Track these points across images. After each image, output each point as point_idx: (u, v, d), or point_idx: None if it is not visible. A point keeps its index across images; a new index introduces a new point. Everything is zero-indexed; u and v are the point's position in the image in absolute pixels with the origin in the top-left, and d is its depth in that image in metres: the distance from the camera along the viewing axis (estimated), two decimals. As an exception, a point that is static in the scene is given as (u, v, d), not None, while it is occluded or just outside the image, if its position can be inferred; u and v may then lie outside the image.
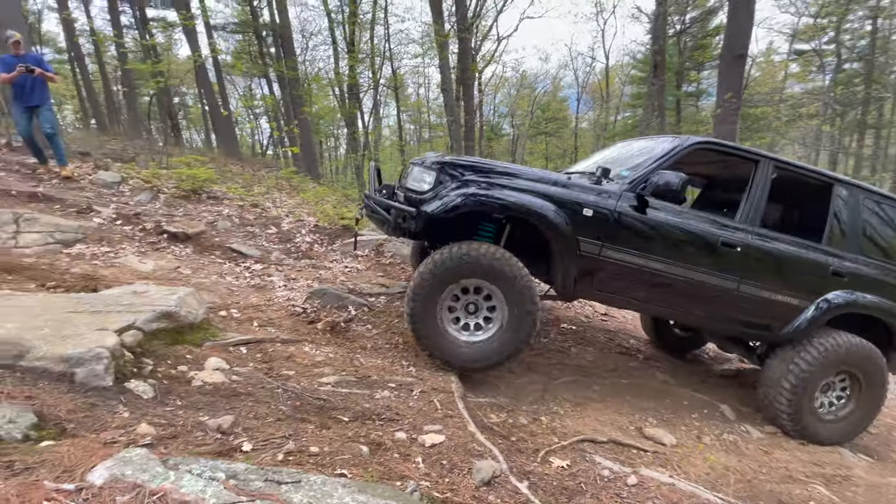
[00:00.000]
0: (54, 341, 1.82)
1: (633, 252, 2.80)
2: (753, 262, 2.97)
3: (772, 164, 3.09)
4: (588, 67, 26.31)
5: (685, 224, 2.90)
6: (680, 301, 3.00)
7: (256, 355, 2.61)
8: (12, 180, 5.10)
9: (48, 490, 1.04)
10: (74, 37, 18.07)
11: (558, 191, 2.76)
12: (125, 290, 2.66)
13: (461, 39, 10.01)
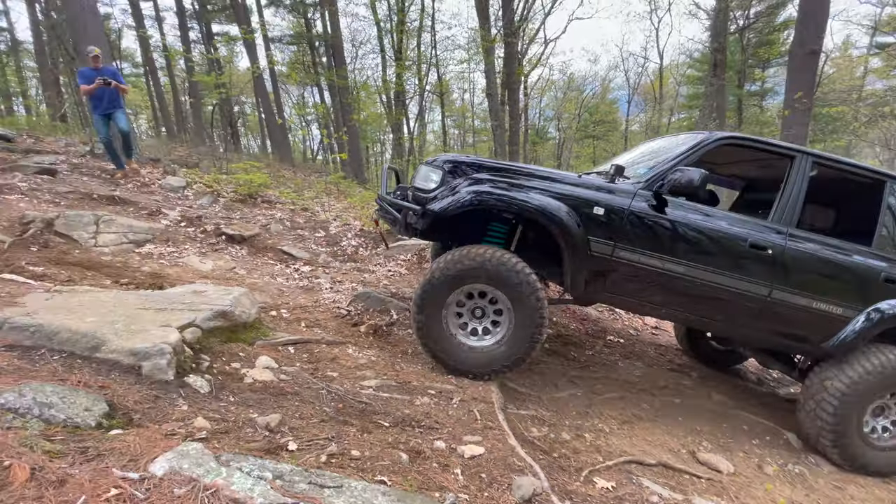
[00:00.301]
0: (125, 336, 1.97)
1: (648, 253, 2.65)
2: (787, 265, 2.69)
3: (810, 160, 2.82)
4: (640, 68, 25.37)
5: (707, 223, 2.70)
6: (702, 307, 2.78)
7: (303, 355, 2.71)
8: (94, 184, 5.63)
9: (116, 478, 1.12)
10: (149, 52, 19.76)
11: (567, 189, 2.66)
12: (187, 289, 2.84)
13: (507, 43, 9.95)
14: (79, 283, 3.04)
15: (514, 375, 3.05)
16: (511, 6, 10.13)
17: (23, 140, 8.23)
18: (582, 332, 4.25)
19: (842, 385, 2.71)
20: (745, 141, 2.87)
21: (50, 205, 4.52)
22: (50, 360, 1.82)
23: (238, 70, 23.74)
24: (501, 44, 10.22)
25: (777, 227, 2.76)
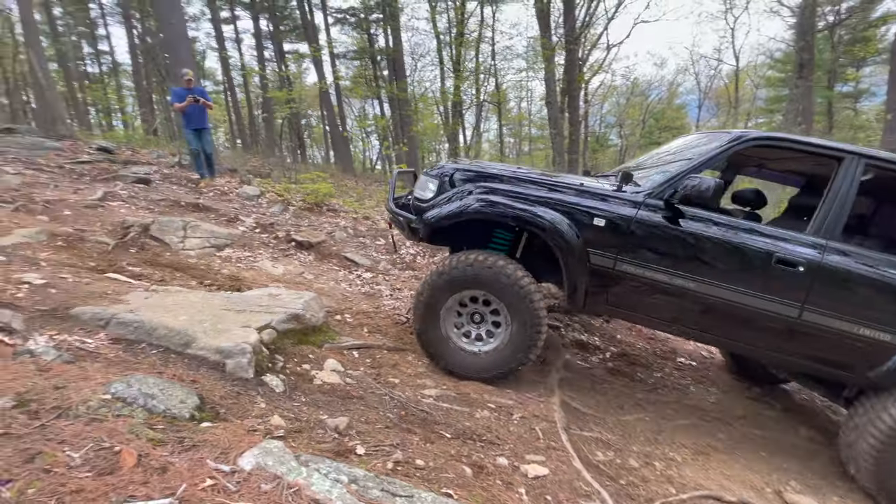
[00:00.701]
0: (212, 334, 2.14)
1: (654, 267, 2.46)
2: (824, 284, 2.37)
3: (862, 162, 2.44)
4: (713, 71, 23.86)
5: (724, 236, 2.44)
6: (718, 326, 2.54)
7: (366, 360, 2.78)
8: (181, 193, 6.20)
9: (210, 469, 1.21)
10: (228, 71, 21.58)
11: (565, 197, 2.56)
12: (263, 292, 3.03)
13: (568, 51, 9.79)
14: (170, 282, 3.35)
15: (577, 394, 2.94)
16: (573, 13, 9.97)
17: (122, 152, 9.24)
18: (649, 352, 4.02)
19: (884, 426, 2.33)
20: (777, 141, 2.57)
21: (145, 211, 5.03)
22: (149, 353, 2.02)
23: (306, 85, 25.27)
24: (562, 51, 10.06)
25: (814, 239, 2.43)
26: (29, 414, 1.31)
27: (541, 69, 10.96)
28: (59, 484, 1.08)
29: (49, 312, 2.16)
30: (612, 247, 2.50)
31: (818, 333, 2.41)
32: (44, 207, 4.32)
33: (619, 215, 2.49)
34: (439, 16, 13.91)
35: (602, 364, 3.64)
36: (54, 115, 11.72)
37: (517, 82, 19.04)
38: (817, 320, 2.39)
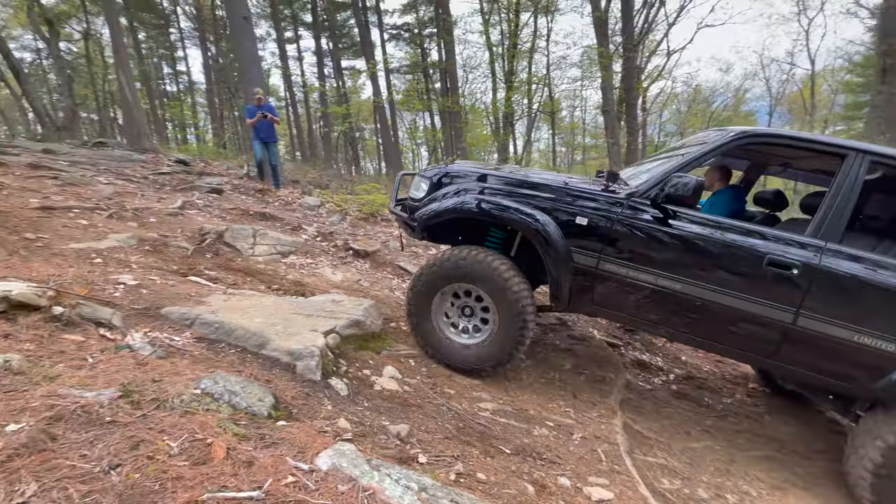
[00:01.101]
0: (283, 337, 2.26)
1: (638, 267, 2.44)
2: (820, 289, 2.24)
3: (866, 160, 2.29)
4: (785, 75, 22.27)
5: (712, 236, 2.37)
6: (706, 329, 2.46)
7: (422, 369, 2.82)
8: (250, 202, 6.63)
9: (290, 466, 1.27)
10: (291, 87, 22.93)
11: (547, 195, 2.60)
12: (326, 297, 3.17)
13: (626, 58, 9.52)
14: (241, 286, 3.57)
15: (639, 417, 2.82)
16: (631, 21, 9.71)
17: (196, 164, 10.04)
18: (717, 376, 3.77)
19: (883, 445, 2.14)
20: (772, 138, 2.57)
21: (219, 219, 5.42)
22: (228, 352, 2.16)
23: (360, 99, 26.33)
24: (619, 59, 9.81)
25: (812, 241, 2.30)
26: (132, 404, 1.45)
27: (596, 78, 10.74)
28: (160, 471, 1.18)
29: (142, 311, 2.38)
30: (595, 246, 2.51)
31: (815, 341, 2.28)
32: (133, 215, 4.78)
33: (602, 215, 2.50)
34: (492, 28, 14.04)
35: (666, 386, 3.46)
36: (139, 131, 12.97)
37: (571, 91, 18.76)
38: (814, 327, 2.26)
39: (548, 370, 3.13)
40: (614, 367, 3.35)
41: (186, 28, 24.68)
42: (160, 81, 27.92)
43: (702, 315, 2.42)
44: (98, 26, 22.05)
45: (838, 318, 2.24)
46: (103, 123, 25.97)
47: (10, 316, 1.86)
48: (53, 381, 1.46)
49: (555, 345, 3.53)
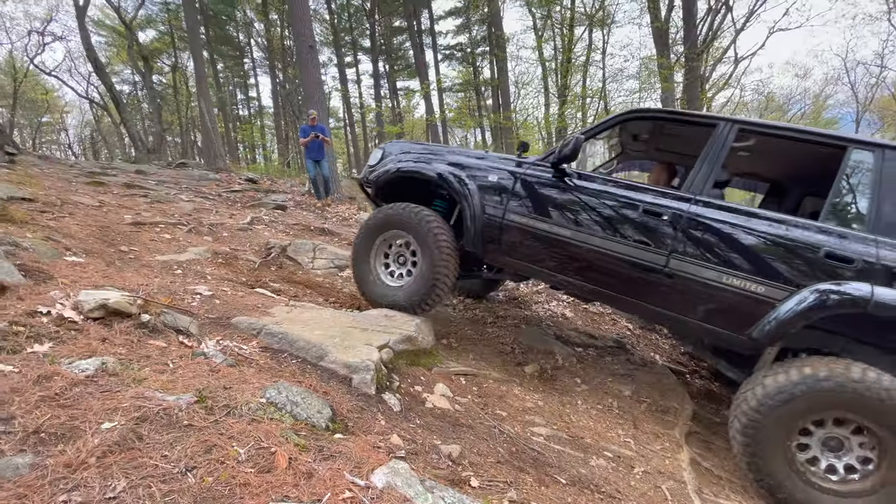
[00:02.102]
0: (341, 349, 2.34)
1: (535, 217, 2.84)
2: (689, 232, 2.49)
3: (735, 128, 2.60)
4: (874, 79, 20.21)
5: (599, 189, 2.76)
6: (594, 276, 2.74)
7: (473, 388, 2.79)
8: (311, 218, 7.00)
9: (347, 481, 1.30)
10: (350, 108, 24.13)
11: (469, 161, 3.14)
12: (380, 312, 3.24)
13: (689, 68, 9.10)
14: (302, 298, 3.76)
15: (708, 453, 2.60)
16: (694, 30, 9.30)
17: (264, 182, 10.78)
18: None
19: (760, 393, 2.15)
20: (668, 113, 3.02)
21: (283, 234, 5.76)
22: (290, 362, 2.27)
23: (414, 118, 27.16)
24: (681, 69, 9.39)
25: (684, 194, 2.61)
26: (206, 409, 1.56)
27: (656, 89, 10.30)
28: (230, 476, 1.26)
29: (215, 320, 2.56)
30: (501, 200, 2.95)
31: (687, 283, 2.46)
32: (208, 229, 5.20)
33: (508, 174, 2.97)
34: (545, 43, 14.02)
35: (737, 419, 3.17)
36: (215, 152, 14.15)
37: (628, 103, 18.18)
38: (684, 268, 2.46)
39: (605, 396, 2.99)
40: (679, 396, 3.13)
41: (258, 57, 26.90)
42: (234, 106, 30.52)
43: (589, 262, 2.72)
44: (184, 60, 24.60)
45: (705, 259, 2.43)
46: (185, 146, 28.73)
47: (107, 322, 2.08)
48: (140, 384, 1.60)
49: (613, 370, 3.36)
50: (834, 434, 2.14)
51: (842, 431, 2.13)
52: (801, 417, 2.11)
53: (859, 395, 1.99)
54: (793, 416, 2.10)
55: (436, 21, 22.89)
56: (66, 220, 4.15)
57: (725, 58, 13.18)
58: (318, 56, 9.94)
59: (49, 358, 1.65)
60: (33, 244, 3.05)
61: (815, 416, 2.12)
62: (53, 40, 21.02)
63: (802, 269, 2.27)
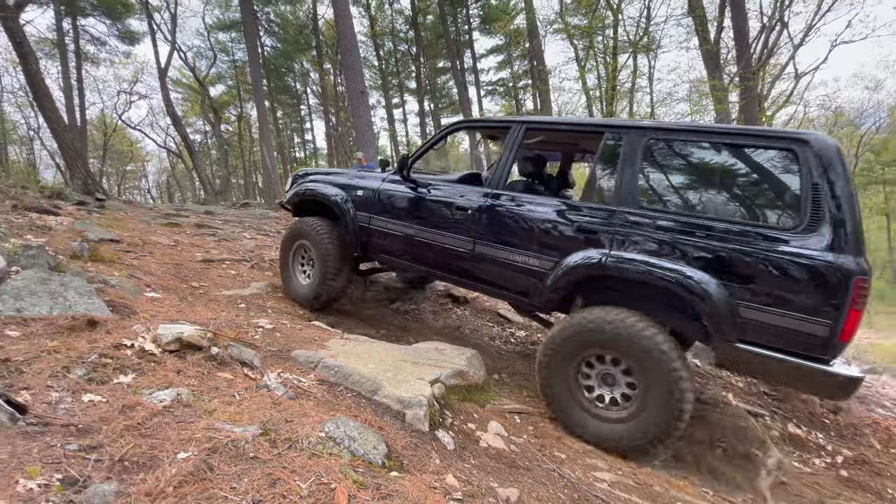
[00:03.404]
0: (394, 384, 2.34)
1: (389, 220, 3.55)
2: (485, 222, 3.04)
3: (523, 128, 3.10)
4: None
5: (427, 195, 3.37)
6: (431, 261, 3.35)
7: (529, 427, 2.68)
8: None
9: (406, 523, 1.27)
10: (397, 147, 25.19)
11: (347, 180, 3.92)
12: (430, 345, 3.24)
13: (745, 88, 8.73)
14: (354, 330, 3.84)
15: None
16: (748, 49, 8.99)
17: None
18: (906, 463, 2.97)
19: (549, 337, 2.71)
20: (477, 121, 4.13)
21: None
22: (346, 396, 2.30)
23: (458, 152, 27.84)
24: (736, 89, 9.02)
25: (486, 190, 3.10)
26: (270, 442, 1.60)
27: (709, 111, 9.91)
28: (292, 511, 1.27)
29: (276, 353, 2.67)
30: (367, 209, 3.69)
31: (491, 261, 3.02)
32: (269, 265, 5.50)
33: (370, 187, 3.72)
34: (588, 73, 14.07)
35: (831, 470, 2.81)
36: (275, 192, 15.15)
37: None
38: (485, 251, 3.04)
39: (673, 439, 2.75)
40: (759, 442, 2.83)
41: (313, 104, 29.00)
42: (291, 149, 32.83)
43: (427, 250, 3.35)
44: (248, 109, 26.99)
45: (498, 242, 3.00)
46: (248, 187, 31.04)
47: (181, 354, 2.22)
48: (211, 416, 1.69)
49: (679, 409, 3.12)
50: (609, 371, 2.59)
51: (614, 370, 2.57)
52: (576, 353, 2.60)
53: (612, 333, 2.44)
54: (570, 352, 2.61)
55: (478, 59, 23.77)
56: (146, 258, 4.57)
57: (785, 74, 12.56)
58: (368, 100, 10.56)
59: (132, 389, 1.79)
60: (119, 282, 3.37)
61: (587, 352, 2.58)
62: (139, 98, 23.90)
63: (567, 242, 2.72)
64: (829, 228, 2.11)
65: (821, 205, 2.15)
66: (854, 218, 2.11)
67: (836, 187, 2.13)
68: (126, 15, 19.51)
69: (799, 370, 2.12)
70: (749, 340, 2.22)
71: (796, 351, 2.14)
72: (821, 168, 2.17)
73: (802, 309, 2.10)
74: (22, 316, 2.25)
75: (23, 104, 21.66)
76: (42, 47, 17.12)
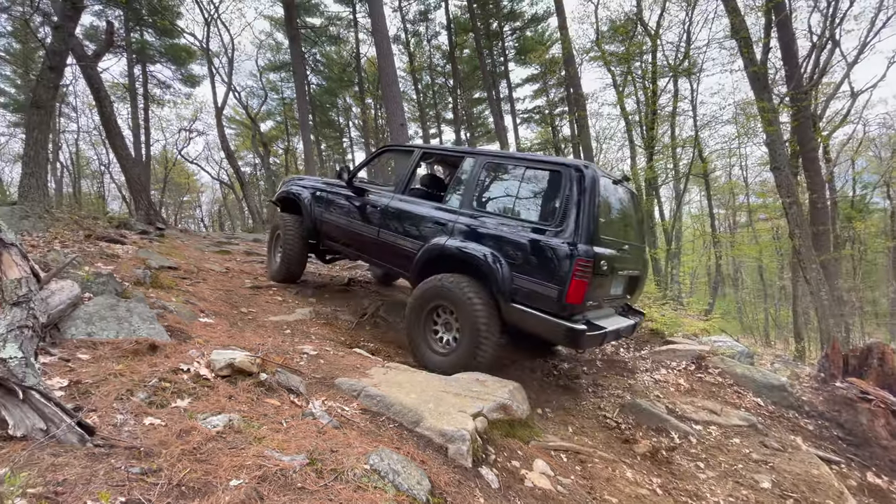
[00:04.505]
0: (435, 416, 2.31)
1: (332, 214, 4.79)
2: (386, 217, 4.16)
3: (421, 152, 4.40)
4: None
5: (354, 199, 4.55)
6: (356, 245, 4.57)
7: (576, 467, 2.55)
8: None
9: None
10: (434, 174, 25.66)
11: (313, 183, 5.20)
12: (471, 376, 3.18)
13: (796, 109, 8.34)
14: (394, 357, 3.84)
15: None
16: (798, 69, 8.63)
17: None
18: None
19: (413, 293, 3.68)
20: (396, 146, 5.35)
21: (376, 294, 6.08)
22: (388, 426, 2.29)
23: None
24: (787, 110, 8.63)
25: (391, 194, 4.27)
26: (316, 472, 1.60)
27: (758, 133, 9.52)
28: (339, 547, 1.25)
29: (320, 380, 2.71)
30: (321, 206, 4.94)
31: (387, 245, 4.12)
32: (312, 291, 5.67)
33: (325, 190, 4.97)
34: (627, 98, 13.94)
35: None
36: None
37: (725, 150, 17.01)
38: (385, 237, 4.11)
39: (737, 487, 2.53)
40: (837, 494, 2.55)
41: (355, 136, 30.30)
42: (333, 179, 34.11)
43: (355, 238, 4.49)
44: (294, 143, 28.52)
45: (392, 230, 4.06)
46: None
47: (232, 379, 2.30)
48: (261, 443, 1.72)
49: (744, 454, 2.87)
50: (449, 320, 3.49)
51: (451, 318, 3.47)
52: (425, 304, 3.54)
53: (446, 287, 3.38)
54: (423, 304, 3.55)
55: (514, 88, 24.17)
56: (200, 285, 4.82)
57: (840, 93, 11.93)
58: (407, 131, 10.92)
59: (188, 413, 1.86)
60: (176, 307, 3.57)
61: (433, 302, 3.50)
62: (197, 135, 25.86)
63: (429, 232, 3.73)
64: (572, 227, 3.04)
65: (568, 210, 3.10)
66: (588, 221, 3.03)
67: (580, 199, 3.08)
68: (189, 61, 21.45)
69: (545, 322, 3.03)
70: (518, 301, 3.15)
71: (543, 308, 3.05)
72: (570, 185, 3.14)
73: (546, 278, 3.04)
74: (92, 340, 2.42)
75: (96, 142, 23.96)
76: (115, 91, 19.02)
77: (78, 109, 22.19)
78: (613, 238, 3.35)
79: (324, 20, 22.29)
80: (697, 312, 9.16)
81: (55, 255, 3.91)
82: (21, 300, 2.04)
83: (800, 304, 12.74)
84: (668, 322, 5.29)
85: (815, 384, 4.02)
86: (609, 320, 3.44)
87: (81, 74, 9.83)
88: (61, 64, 6.59)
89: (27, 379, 1.56)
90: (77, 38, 8.74)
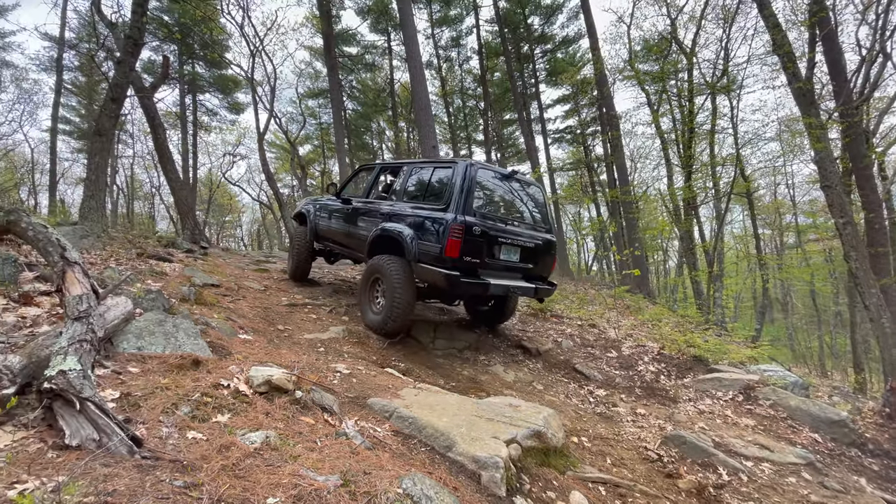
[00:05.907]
0: (468, 441, 2.26)
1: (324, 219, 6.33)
2: (353, 216, 5.57)
3: (379, 166, 5.98)
4: None
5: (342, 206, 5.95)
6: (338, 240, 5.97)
7: (616, 501, 2.43)
8: (431, 298, 7.31)
9: None
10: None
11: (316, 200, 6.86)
12: (503, 400, 3.12)
13: (848, 125, 7.92)
14: (425, 379, 3.82)
15: None
16: (847, 84, 8.23)
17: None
18: None
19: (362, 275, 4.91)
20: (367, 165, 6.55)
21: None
22: (420, 450, 2.26)
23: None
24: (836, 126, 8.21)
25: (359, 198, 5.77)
26: (350, 494, 1.60)
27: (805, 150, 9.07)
28: (373, 574, 1.23)
29: (353, 399, 2.73)
30: (316, 214, 6.54)
31: (356, 236, 5.46)
32: (346, 310, 5.76)
33: (322, 204, 6.53)
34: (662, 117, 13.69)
35: None
36: (351, 239, 15.87)
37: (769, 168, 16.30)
38: (354, 230, 5.53)
39: (795, 531, 2.33)
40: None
41: (388, 158, 31.08)
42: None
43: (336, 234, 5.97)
44: (330, 165, 29.54)
45: (358, 224, 5.46)
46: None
47: (269, 396, 2.35)
48: (296, 461, 1.73)
49: (801, 495, 2.65)
50: (383, 287, 4.57)
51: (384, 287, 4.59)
52: (369, 277, 4.78)
53: (379, 264, 4.60)
54: (367, 277, 4.80)
55: (545, 109, 24.25)
56: (240, 302, 5.00)
57: (895, 107, 11.24)
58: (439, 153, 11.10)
59: (228, 429, 1.90)
60: (218, 324, 3.71)
61: (373, 276, 4.72)
62: (240, 159, 27.29)
63: (377, 221, 4.99)
64: (454, 205, 4.21)
65: (451, 193, 4.29)
66: (463, 199, 4.20)
67: (460, 185, 4.26)
68: (235, 90, 22.88)
69: (433, 272, 4.09)
70: (421, 261, 4.25)
71: (433, 263, 4.14)
72: (453, 175, 4.38)
73: (435, 241, 4.17)
74: (142, 354, 2.54)
75: (149, 166, 25.73)
76: (167, 119, 20.47)
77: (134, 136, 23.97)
78: (495, 214, 4.47)
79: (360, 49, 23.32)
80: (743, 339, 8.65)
81: (111, 273, 4.16)
82: (82, 315, 2.17)
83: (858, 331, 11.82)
84: (712, 349, 5.02)
85: (879, 420, 3.69)
86: (503, 281, 4.34)
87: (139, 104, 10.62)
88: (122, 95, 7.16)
89: (84, 391, 1.66)
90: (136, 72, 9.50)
